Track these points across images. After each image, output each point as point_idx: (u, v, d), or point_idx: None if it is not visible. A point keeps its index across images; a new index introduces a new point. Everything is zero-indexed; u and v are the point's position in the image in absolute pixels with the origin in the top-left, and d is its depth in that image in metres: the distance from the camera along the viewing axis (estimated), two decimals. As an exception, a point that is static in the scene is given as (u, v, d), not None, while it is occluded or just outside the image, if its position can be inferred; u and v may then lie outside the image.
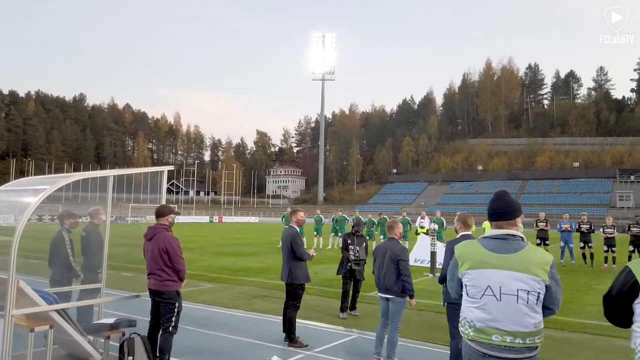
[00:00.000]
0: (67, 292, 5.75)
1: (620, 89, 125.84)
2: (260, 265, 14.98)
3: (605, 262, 15.54)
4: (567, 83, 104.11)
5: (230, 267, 14.63)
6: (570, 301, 9.64)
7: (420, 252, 15.68)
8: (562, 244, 16.33)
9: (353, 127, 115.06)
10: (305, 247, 6.77)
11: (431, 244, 13.17)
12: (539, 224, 16.73)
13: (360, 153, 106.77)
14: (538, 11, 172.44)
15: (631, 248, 15.08)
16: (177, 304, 5.02)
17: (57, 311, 4.37)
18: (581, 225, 15.99)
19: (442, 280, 5.19)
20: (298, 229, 6.61)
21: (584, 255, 16.00)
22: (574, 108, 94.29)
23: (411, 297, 5.63)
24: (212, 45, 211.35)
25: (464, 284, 2.77)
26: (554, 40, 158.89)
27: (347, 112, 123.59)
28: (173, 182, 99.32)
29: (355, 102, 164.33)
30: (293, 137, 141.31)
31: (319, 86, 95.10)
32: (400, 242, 5.93)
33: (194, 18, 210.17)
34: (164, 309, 4.99)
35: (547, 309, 2.66)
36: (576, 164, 78.95)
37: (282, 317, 6.68)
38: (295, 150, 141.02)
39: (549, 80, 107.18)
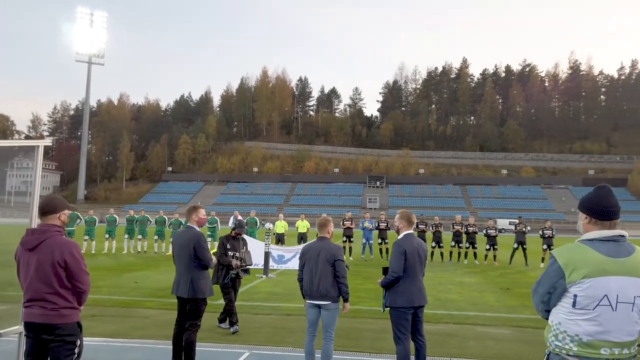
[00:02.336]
0: None
1: (370, 108, 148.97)
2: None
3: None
4: (329, 98, 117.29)
5: (15, 281, 11.35)
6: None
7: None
8: (363, 240, 18.07)
9: (123, 119, 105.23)
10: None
11: (265, 244, 12.81)
12: (345, 222, 18.10)
13: (131, 148, 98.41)
14: (308, 31, 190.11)
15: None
16: (78, 342, 3.46)
17: None
18: (380, 224, 17.97)
19: (386, 284, 4.93)
20: (199, 230, 5.43)
21: (381, 250, 18.02)
22: (335, 121, 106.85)
23: (346, 300, 5.19)
24: None
25: (569, 295, 2.45)
26: (320, 58, 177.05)
27: (115, 102, 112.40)
28: None
29: (126, 93, 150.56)
30: (45, 124, 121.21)
31: (84, 69, 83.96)
32: (333, 242, 5.42)
33: None
34: (58, 350, 3.35)
35: None
36: (336, 170, 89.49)
37: (171, 342, 5.42)
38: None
39: (315, 93, 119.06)
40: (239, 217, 18.59)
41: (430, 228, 17.65)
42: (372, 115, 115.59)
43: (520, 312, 8.76)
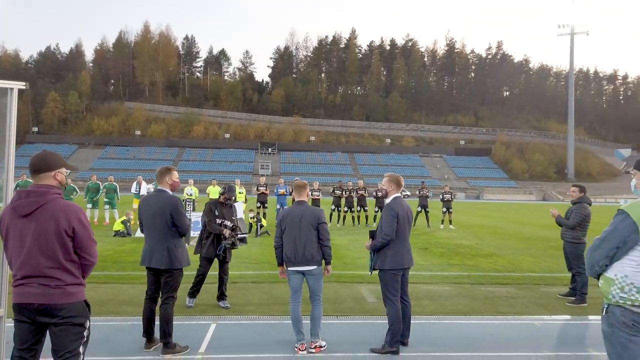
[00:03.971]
0: None
1: (261, 73, 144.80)
2: None
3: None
4: (218, 60, 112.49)
5: None
6: (359, 257, 10.75)
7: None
8: (278, 206, 17.96)
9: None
10: None
11: (187, 211, 12.12)
12: (259, 187, 17.81)
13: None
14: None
15: (333, 207, 18.06)
16: (87, 323, 2.93)
17: None
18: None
19: (378, 248, 4.91)
20: (173, 194, 4.87)
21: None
22: (224, 84, 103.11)
23: (328, 262, 5.10)
24: None
25: None
26: (208, 17, 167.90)
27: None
28: None
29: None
30: None
31: None
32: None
33: None
34: (64, 335, 2.81)
35: None
36: (227, 136, 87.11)
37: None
38: None
39: (203, 54, 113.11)
40: (143, 182, 17.31)
41: (344, 193, 18.11)
42: (263, 80, 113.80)
43: (450, 270, 9.45)
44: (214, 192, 17.80)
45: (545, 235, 16.67)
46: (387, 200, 5.06)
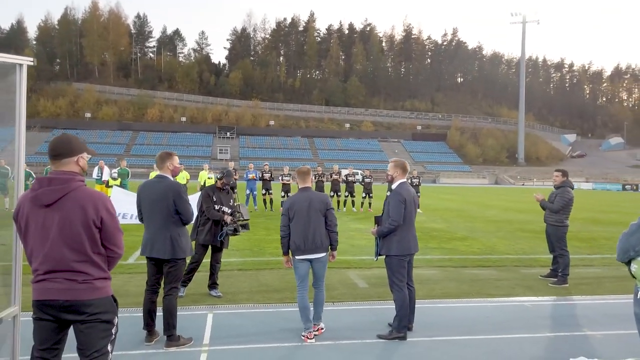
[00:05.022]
0: None
1: (218, 55, 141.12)
2: None
3: (282, 205, 17.90)
4: (172, 40, 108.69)
5: None
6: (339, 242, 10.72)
7: (121, 207, 13.68)
8: (247, 191, 17.70)
9: None
10: None
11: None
12: (228, 173, 17.41)
13: None
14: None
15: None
16: (116, 320, 2.73)
17: None
18: (264, 175, 17.76)
19: (385, 233, 4.87)
20: (175, 180, 4.62)
21: (265, 201, 17.91)
22: (179, 66, 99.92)
23: (334, 248, 5.03)
24: None
25: None
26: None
27: None
28: None
29: None
30: None
31: None
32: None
33: None
34: (91, 332, 2.60)
35: None
36: (183, 119, 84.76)
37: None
38: None
39: (156, 34, 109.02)
40: (105, 167, 16.57)
41: (314, 177, 18.02)
42: (220, 62, 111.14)
43: (431, 254, 9.62)
44: (181, 177, 17.28)
45: (508, 217, 17.28)
46: (393, 186, 5.03)
